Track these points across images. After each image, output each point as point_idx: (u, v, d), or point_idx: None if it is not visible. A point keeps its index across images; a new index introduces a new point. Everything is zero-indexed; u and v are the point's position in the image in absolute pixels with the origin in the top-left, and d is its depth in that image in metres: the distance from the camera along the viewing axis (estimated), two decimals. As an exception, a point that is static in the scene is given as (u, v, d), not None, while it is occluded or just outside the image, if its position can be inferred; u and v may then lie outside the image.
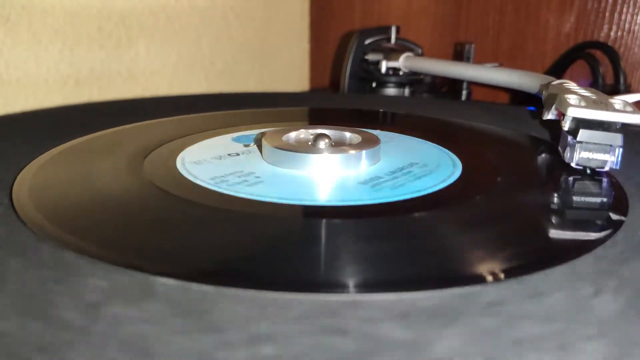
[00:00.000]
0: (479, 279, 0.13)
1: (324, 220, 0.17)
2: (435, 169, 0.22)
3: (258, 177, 0.20)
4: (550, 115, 0.25)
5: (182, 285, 0.13)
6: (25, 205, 0.17)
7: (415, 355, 0.10)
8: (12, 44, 0.38)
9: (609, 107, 0.21)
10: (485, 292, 0.13)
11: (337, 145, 0.23)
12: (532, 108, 0.35)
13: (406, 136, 0.27)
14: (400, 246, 0.15)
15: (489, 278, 0.13)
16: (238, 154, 0.23)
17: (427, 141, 0.26)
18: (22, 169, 0.21)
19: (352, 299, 0.12)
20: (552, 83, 0.27)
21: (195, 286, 0.13)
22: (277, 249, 0.15)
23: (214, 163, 0.22)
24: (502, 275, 0.14)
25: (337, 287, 0.13)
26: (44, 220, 0.16)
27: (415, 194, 0.19)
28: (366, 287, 0.13)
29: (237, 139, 0.26)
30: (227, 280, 0.13)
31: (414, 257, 0.15)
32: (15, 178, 0.20)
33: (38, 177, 0.20)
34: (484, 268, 0.14)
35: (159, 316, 0.11)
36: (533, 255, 0.15)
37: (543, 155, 0.26)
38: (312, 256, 0.15)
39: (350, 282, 0.13)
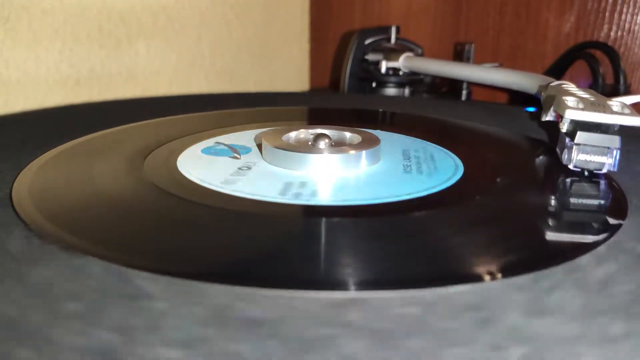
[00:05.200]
0: (473, 279, 0.13)
1: (324, 220, 0.17)
2: (435, 170, 0.22)
3: (257, 175, 0.21)
4: (548, 117, 0.25)
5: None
6: (26, 205, 0.17)
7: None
8: (12, 44, 0.38)
9: (607, 110, 0.21)
10: (474, 292, 0.13)
11: (337, 145, 0.23)
12: (531, 109, 0.35)
13: (406, 136, 0.27)
14: (399, 245, 0.15)
15: (484, 278, 0.13)
16: (238, 153, 0.23)
17: (427, 141, 0.26)
18: (22, 169, 0.21)
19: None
20: (551, 84, 0.28)
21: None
22: (283, 249, 0.15)
23: (214, 163, 0.22)
24: (498, 276, 0.14)
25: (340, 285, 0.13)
26: (44, 220, 0.16)
27: (416, 195, 0.19)
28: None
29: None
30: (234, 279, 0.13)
31: (412, 256, 0.15)
32: (15, 178, 0.20)
33: (38, 177, 0.20)
34: (480, 268, 0.14)
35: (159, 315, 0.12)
36: (529, 256, 0.15)
37: (541, 156, 0.26)
38: (313, 255, 0.15)
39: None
